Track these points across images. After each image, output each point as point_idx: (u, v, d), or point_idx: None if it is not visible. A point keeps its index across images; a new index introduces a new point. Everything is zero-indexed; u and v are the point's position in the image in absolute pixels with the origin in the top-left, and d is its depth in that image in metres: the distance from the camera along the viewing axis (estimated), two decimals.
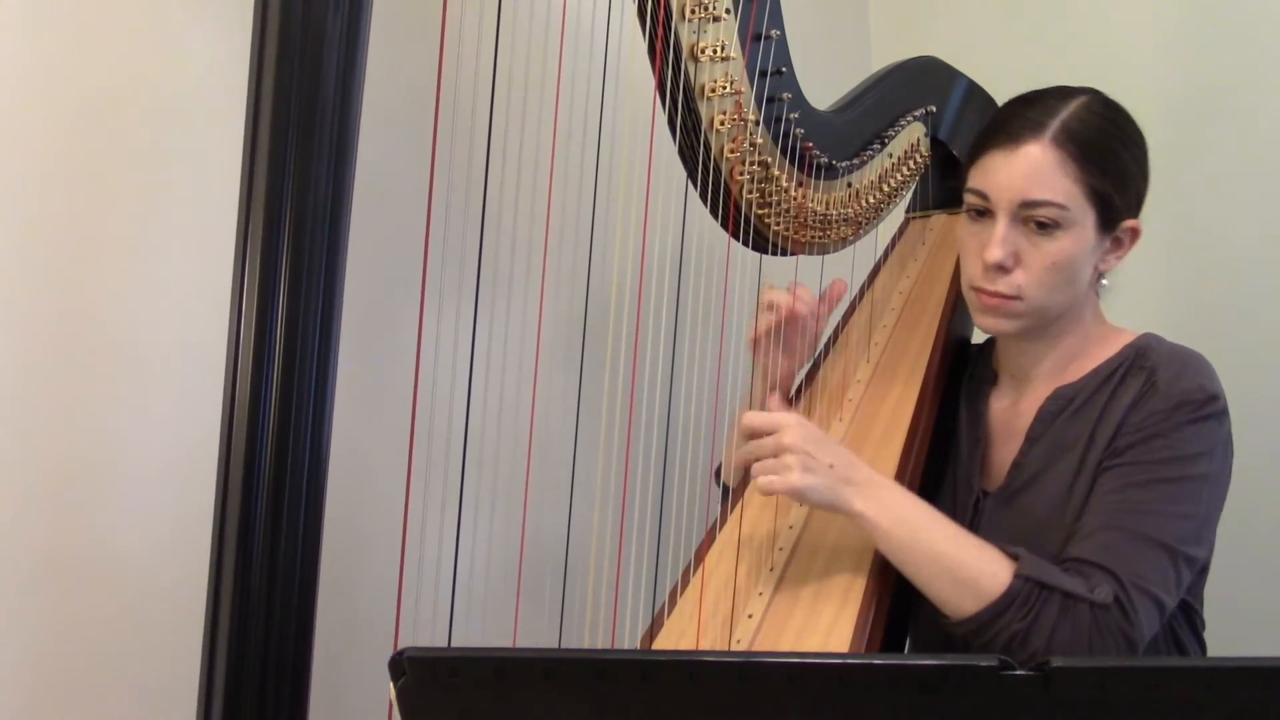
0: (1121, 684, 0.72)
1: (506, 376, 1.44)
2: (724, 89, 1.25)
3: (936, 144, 1.58)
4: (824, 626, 1.16)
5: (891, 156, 1.51)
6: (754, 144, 1.29)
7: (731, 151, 1.28)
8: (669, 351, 1.38)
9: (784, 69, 1.30)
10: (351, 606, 1.45)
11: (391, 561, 1.00)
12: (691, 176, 1.29)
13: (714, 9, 1.21)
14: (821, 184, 1.41)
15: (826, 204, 1.42)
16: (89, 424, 1.27)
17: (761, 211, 1.35)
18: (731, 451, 1.47)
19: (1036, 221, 1.20)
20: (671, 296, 1.37)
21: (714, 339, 1.42)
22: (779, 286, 1.40)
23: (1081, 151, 1.19)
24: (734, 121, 1.27)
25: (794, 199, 1.36)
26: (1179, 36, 1.94)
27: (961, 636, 1.14)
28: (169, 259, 1.32)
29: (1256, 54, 1.86)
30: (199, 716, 0.96)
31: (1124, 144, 1.24)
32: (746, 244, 1.36)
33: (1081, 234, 1.21)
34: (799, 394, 1.46)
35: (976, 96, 1.62)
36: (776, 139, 1.32)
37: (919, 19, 2.31)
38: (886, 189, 1.51)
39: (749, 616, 1.19)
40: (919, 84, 1.55)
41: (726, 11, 1.22)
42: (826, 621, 1.17)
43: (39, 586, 1.24)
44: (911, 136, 1.54)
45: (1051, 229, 1.20)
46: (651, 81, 1.23)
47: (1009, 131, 1.22)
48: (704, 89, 1.24)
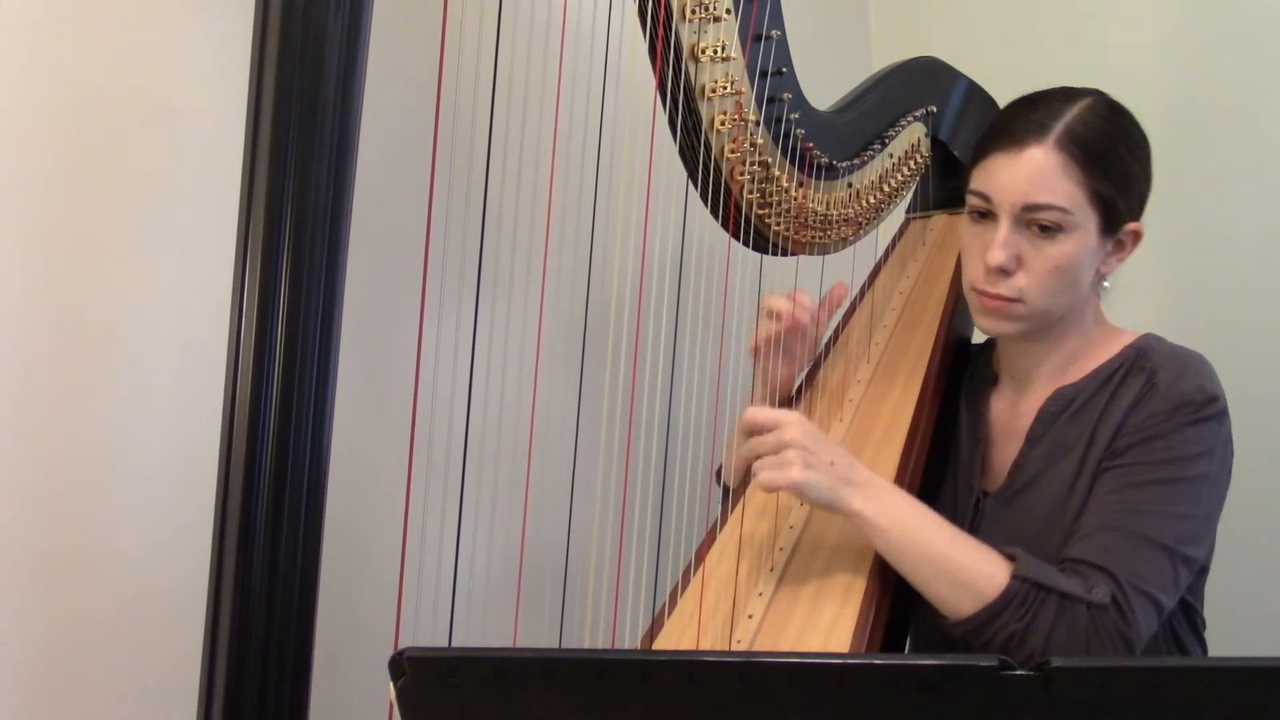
0: (1121, 684, 0.72)
1: (507, 377, 1.44)
2: (724, 89, 1.25)
3: (937, 144, 1.58)
4: (824, 626, 1.16)
5: (892, 157, 1.51)
6: (754, 144, 1.29)
7: (732, 152, 1.28)
8: (669, 352, 1.38)
9: (784, 69, 1.30)
10: (352, 607, 1.45)
11: (392, 562, 1.00)
12: (692, 177, 1.29)
13: (714, 9, 1.21)
14: (822, 184, 1.41)
15: (827, 204, 1.42)
16: (89, 424, 1.27)
17: (762, 212, 1.35)
18: (732, 452, 1.47)
19: (1039, 225, 1.20)
20: (672, 297, 1.37)
21: (714, 339, 1.42)
22: (780, 293, 1.39)
23: (1085, 155, 1.19)
24: (734, 122, 1.27)
25: (794, 199, 1.36)
26: (1179, 36, 1.94)
27: (960, 637, 1.14)
28: (169, 259, 1.32)
29: (1257, 54, 1.86)
30: (199, 717, 0.96)
31: (1128, 147, 1.23)
32: (747, 244, 1.36)
33: (1084, 237, 1.21)
34: (799, 394, 1.46)
35: (977, 97, 1.62)
36: (777, 139, 1.32)
37: (919, 19, 2.32)
38: (887, 189, 1.51)
39: (749, 616, 1.20)
40: (920, 84, 1.55)
41: (727, 12, 1.23)
42: (827, 621, 1.17)
43: (39, 587, 1.24)
44: (912, 137, 1.54)
45: (1054, 232, 1.20)
46: (652, 82, 1.23)
47: (1012, 134, 1.21)
48: (704, 89, 1.24)
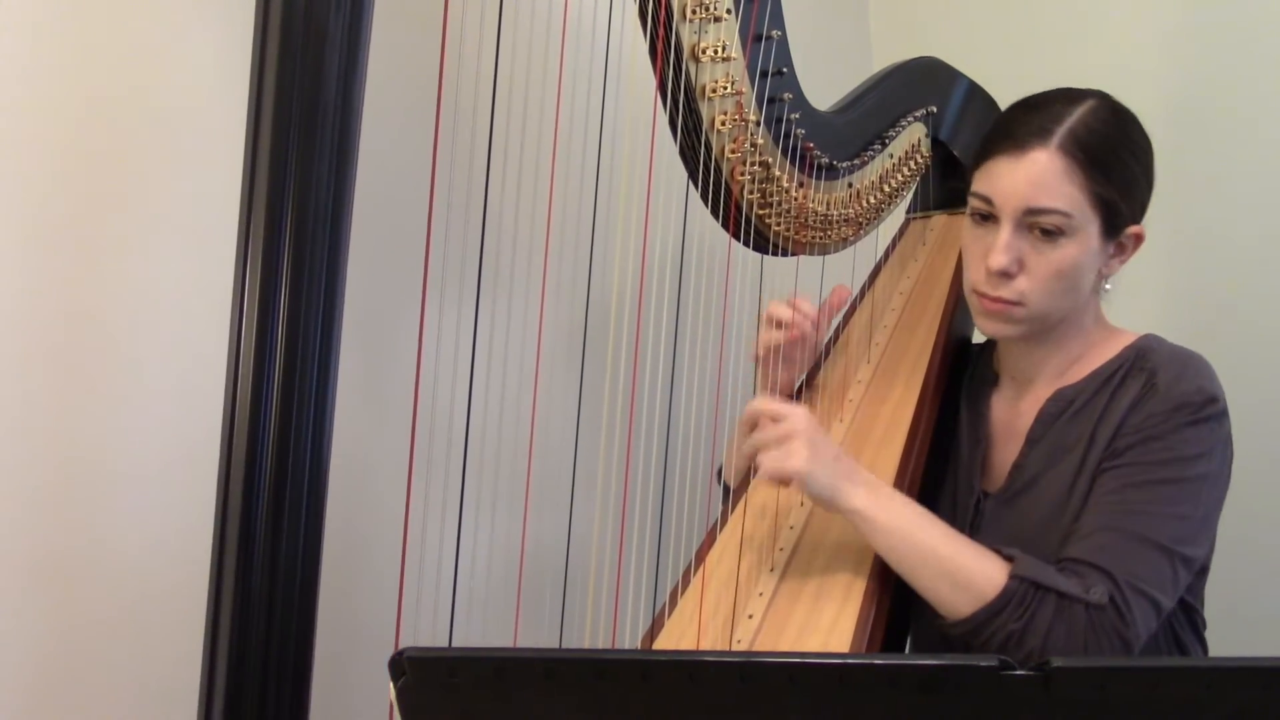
0: (1121, 684, 0.72)
1: (508, 376, 1.44)
2: (725, 89, 1.25)
3: (937, 144, 1.58)
4: (825, 626, 1.16)
5: (892, 157, 1.51)
6: (755, 144, 1.29)
7: (732, 152, 1.28)
8: (670, 352, 1.38)
9: (785, 69, 1.30)
10: (352, 608, 1.45)
11: (392, 563, 1.00)
12: (692, 177, 1.29)
13: (715, 9, 1.21)
14: (822, 184, 1.41)
15: (827, 204, 1.42)
16: (90, 425, 1.27)
17: (762, 212, 1.35)
18: (733, 451, 1.47)
19: (1041, 228, 1.19)
20: (672, 296, 1.36)
21: (715, 339, 1.42)
22: (782, 300, 1.39)
23: (1088, 159, 1.18)
24: (735, 122, 1.27)
25: (795, 199, 1.36)
26: (1179, 37, 1.94)
27: (959, 638, 1.14)
28: (170, 259, 1.32)
29: (1257, 55, 1.86)
30: (200, 717, 0.96)
31: (1130, 150, 1.23)
32: (747, 244, 1.36)
33: (1085, 241, 1.20)
34: (799, 395, 1.46)
35: (977, 97, 1.62)
36: (777, 139, 1.32)
37: (919, 19, 2.32)
38: (887, 189, 1.51)
39: (749, 617, 1.20)
40: (920, 84, 1.55)
41: (727, 12, 1.23)
42: (827, 621, 1.17)
43: (40, 588, 1.24)
44: (912, 137, 1.54)
45: (1055, 236, 1.19)
46: (652, 82, 1.23)
47: (1015, 137, 1.21)
48: (705, 89, 1.24)
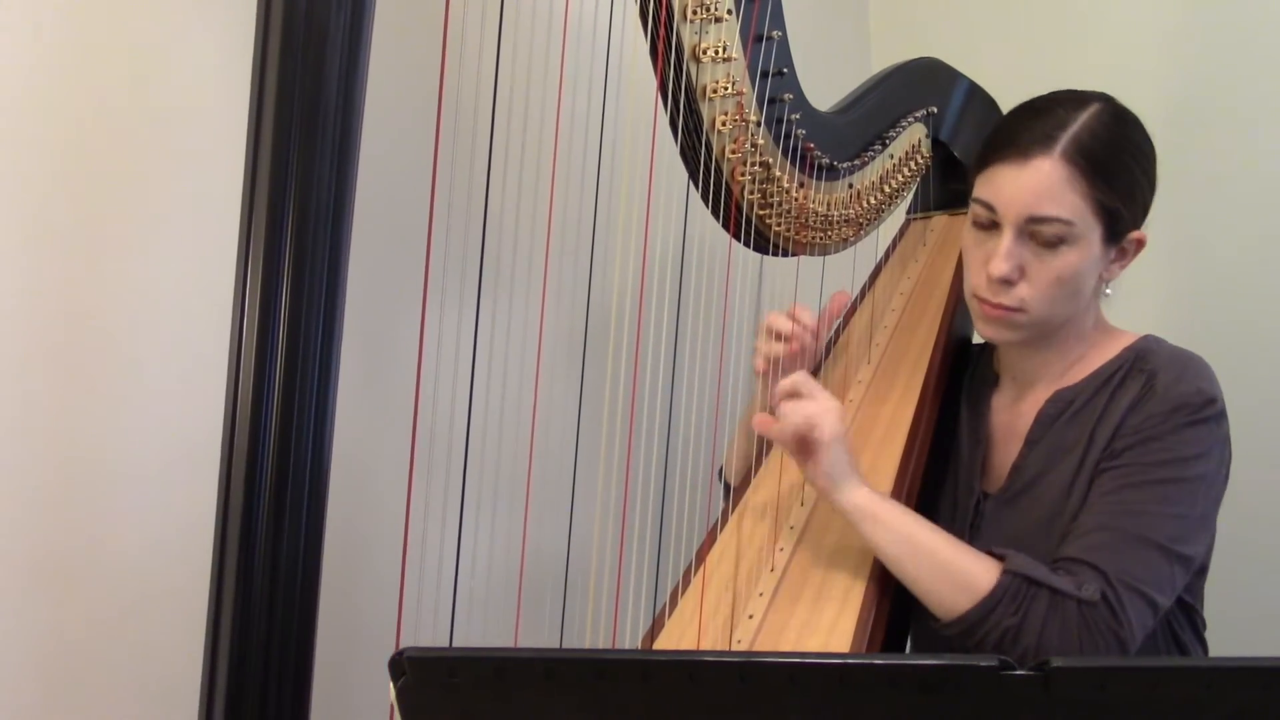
0: (1121, 684, 0.72)
1: (508, 376, 1.44)
2: (725, 90, 1.25)
3: (938, 145, 1.58)
4: (825, 626, 1.16)
5: (893, 157, 1.51)
6: (755, 145, 1.29)
7: (733, 152, 1.28)
8: (670, 351, 1.38)
9: (785, 70, 1.30)
10: (353, 608, 1.45)
11: (393, 563, 1.00)
12: (693, 177, 1.29)
13: (716, 10, 1.21)
14: (823, 185, 1.41)
15: (828, 205, 1.42)
16: (90, 425, 1.27)
17: (763, 212, 1.35)
18: (734, 452, 1.47)
19: (1043, 236, 1.19)
20: (673, 297, 1.37)
21: (715, 339, 1.43)
22: (781, 310, 1.38)
23: (1091, 167, 1.18)
24: (735, 122, 1.27)
25: (795, 200, 1.36)
26: (1179, 37, 1.94)
27: (954, 638, 1.14)
28: (171, 260, 1.32)
29: (1258, 56, 1.86)
30: (200, 718, 0.96)
31: (1133, 156, 1.22)
32: (748, 245, 1.36)
33: (1087, 248, 1.20)
34: None
35: (978, 98, 1.62)
36: (778, 140, 1.32)
37: (919, 19, 2.32)
38: (888, 190, 1.51)
39: (750, 617, 1.20)
40: (920, 85, 1.55)
41: (728, 12, 1.23)
42: (827, 621, 1.17)
43: (40, 588, 1.24)
44: (913, 137, 1.54)
45: (1057, 244, 1.19)
46: (653, 82, 1.23)
47: (1018, 144, 1.20)
48: (705, 90, 1.24)
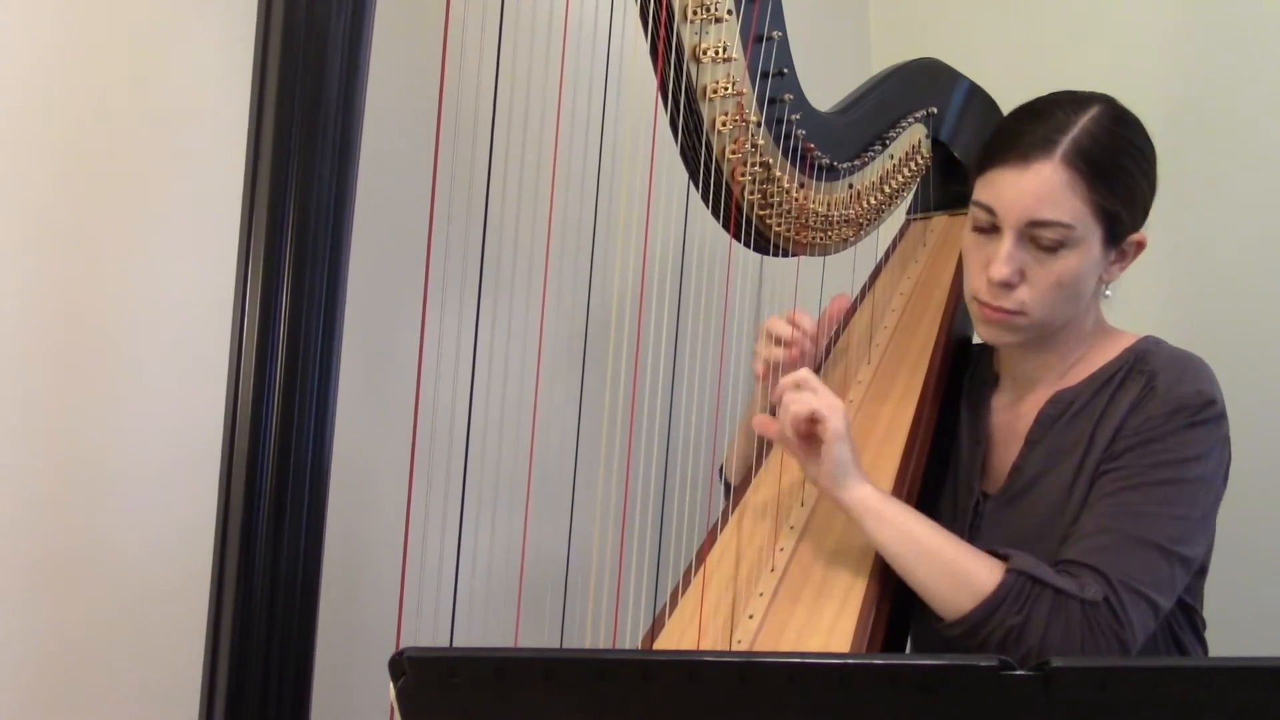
0: (1121, 684, 0.72)
1: (509, 376, 1.44)
2: (726, 90, 1.25)
3: (938, 145, 1.58)
4: (825, 627, 1.16)
5: (893, 158, 1.51)
6: (755, 145, 1.29)
7: (733, 153, 1.28)
8: (670, 351, 1.38)
9: (785, 70, 1.30)
10: (353, 609, 1.45)
11: (393, 564, 1.00)
12: (693, 177, 1.29)
13: (716, 10, 1.21)
14: (823, 185, 1.41)
15: (828, 205, 1.42)
16: (91, 426, 1.27)
17: (763, 213, 1.35)
18: (734, 451, 1.47)
19: (1043, 240, 1.19)
20: (673, 296, 1.37)
21: (715, 339, 1.43)
22: (781, 314, 1.37)
23: (1092, 171, 1.17)
24: (736, 123, 1.27)
25: (795, 200, 1.36)
26: (1179, 37, 1.94)
27: (957, 639, 1.13)
28: (171, 260, 1.32)
29: (1258, 56, 1.86)
30: (201, 718, 0.96)
31: (1133, 159, 1.21)
32: (748, 245, 1.36)
33: (1087, 251, 1.20)
34: None
35: (978, 98, 1.62)
36: (778, 140, 1.32)
37: (919, 19, 2.32)
38: (888, 190, 1.51)
39: (750, 617, 1.20)
40: (920, 85, 1.55)
41: (728, 13, 1.23)
42: (828, 622, 1.17)
43: (41, 588, 1.24)
44: (913, 138, 1.54)
45: (1058, 247, 1.18)
46: (653, 83, 1.23)
47: (1018, 147, 1.19)
48: (706, 90, 1.24)
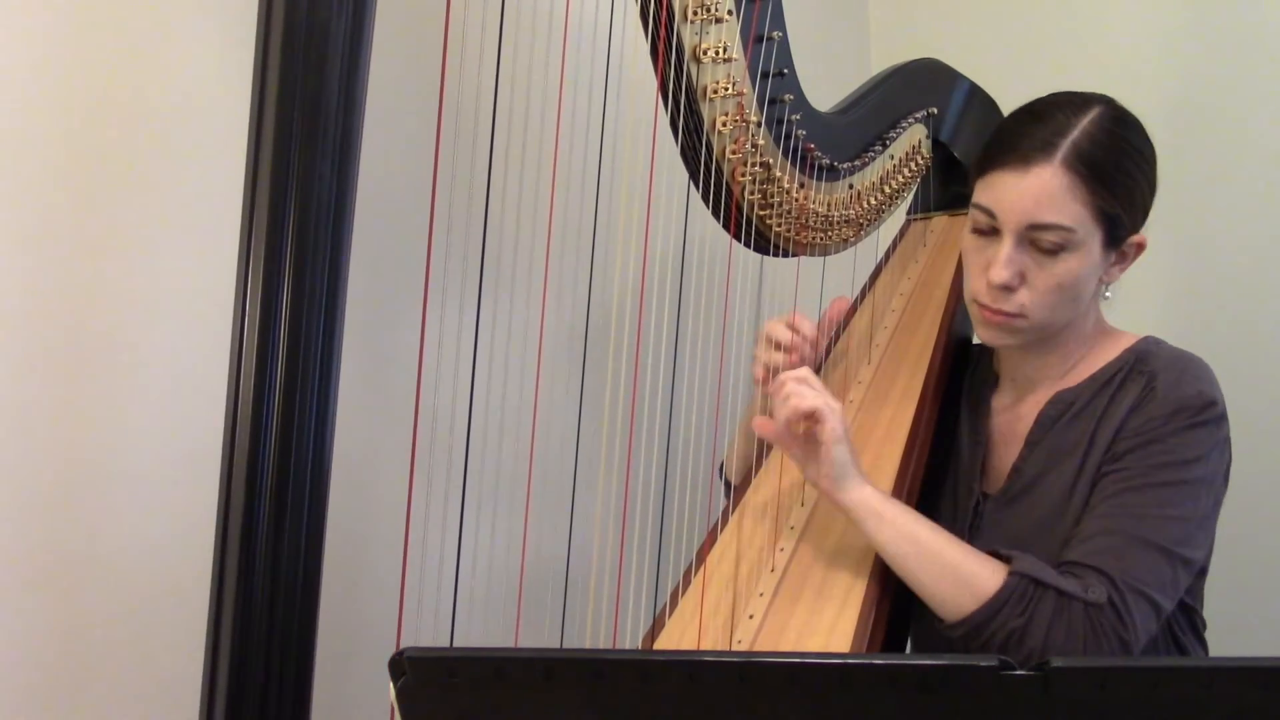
0: (1121, 684, 0.72)
1: (509, 375, 1.44)
2: (726, 90, 1.25)
3: (938, 146, 1.59)
4: (825, 627, 1.16)
5: (893, 158, 1.51)
6: (756, 145, 1.29)
7: (733, 153, 1.28)
8: (670, 351, 1.38)
9: (786, 70, 1.30)
10: (354, 609, 1.45)
11: (393, 564, 1.00)
12: (693, 178, 1.29)
13: (716, 11, 1.22)
14: (823, 185, 1.41)
15: (828, 205, 1.42)
16: (92, 425, 1.28)
17: (763, 213, 1.35)
18: (734, 448, 1.47)
19: (1043, 243, 1.19)
20: (673, 297, 1.37)
21: (715, 339, 1.43)
22: (780, 318, 1.37)
23: (1092, 173, 1.17)
24: (736, 123, 1.27)
25: (795, 200, 1.36)
26: (1179, 38, 1.94)
27: (959, 640, 1.13)
28: (172, 259, 1.32)
29: (1258, 57, 1.86)
30: (201, 718, 0.96)
31: (1134, 161, 1.21)
32: (748, 245, 1.36)
33: (1087, 254, 1.19)
34: None
35: (978, 98, 1.62)
36: (778, 140, 1.33)
37: (919, 19, 2.32)
38: (888, 190, 1.51)
39: (750, 617, 1.20)
40: (920, 86, 1.55)
41: (729, 13, 1.23)
42: (828, 622, 1.17)
43: (42, 588, 1.24)
44: (913, 138, 1.54)
45: (1058, 251, 1.18)
46: (654, 83, 1.23)
47: (1018, 150, 1.19)
48: (706, 90, 1.24)
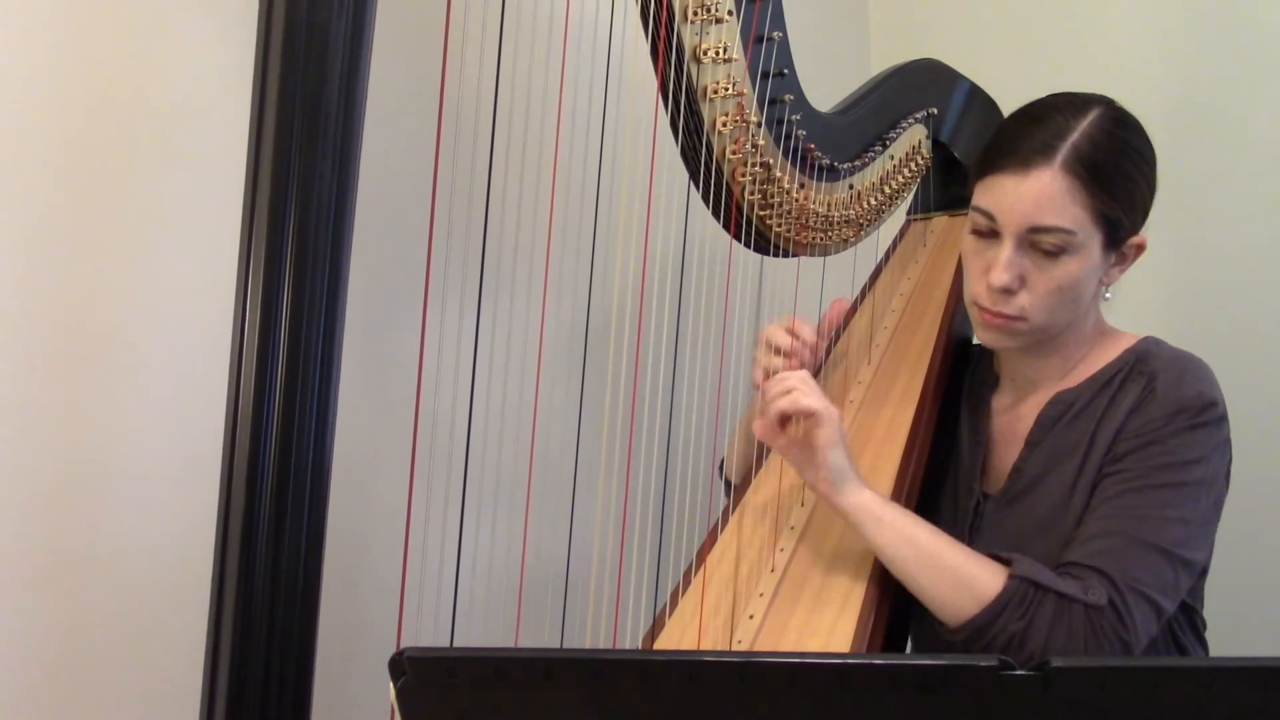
0: (1121, 684, 0.72)
1: (509, 375, 1.44)
2: (726, 91, 1.25)
3: (938, 146, 1.59)
4: (825, 627, 1.16)
5: (893, 158, 1.51)
6: (756, 145, 1.29)
7: (733, 153, 1.28)
8: (671, 351, 1.38)
9: (786, 71, 1.30)
10: (354, 609, 1.45)
11: (394, 565, 1.00)
12: (693, 178, 1.29)
13: (716, 11, 1.22)
14: (823, 185, 1.41)
15: (828, 205, 1.42)
16: (92, 426, 1.28)
17: (763, 213, 1.35)
18: (734, 447, 1.47)
19: (1043, 246, 1.18)
20: (673, 297, 1.37)
21: (716, 339, 1.43)
22: (780, 322, 1.37)
23: (1092, 176, 1.17)
24: (736, 123, 1.27)
25: (795, 200, 1.36)
26: (1179, 38, 1.94)
27: (960, 644, 1.13)
28: (173, 260, 1.32)
29: (1258, 57, 1.86)
30: (202, 718, 0.96)
31: (1134, 163, 1.21)
32: (748, 245, 1.36)
33: (1087, 256, 1.19)
34: None
35: (978, 99, 1.62)
36: (778, 140, 1.33)
37: (919, 20, 2.32)
38: (888, 191, 1.51)
39: (750, 617, 1.20)
40: (920, 86, 1.55)
41: (729, 13, 1.23)
42: (828, 622, 1.17)
43: (42, 589, 1.24)
44: (913, 138, 1.54)
45: (1058, 253, 1.18)
46: (654, 83, 1.23)
47: (1018, 154, 1.19)
48: (706, 91, 1.24)
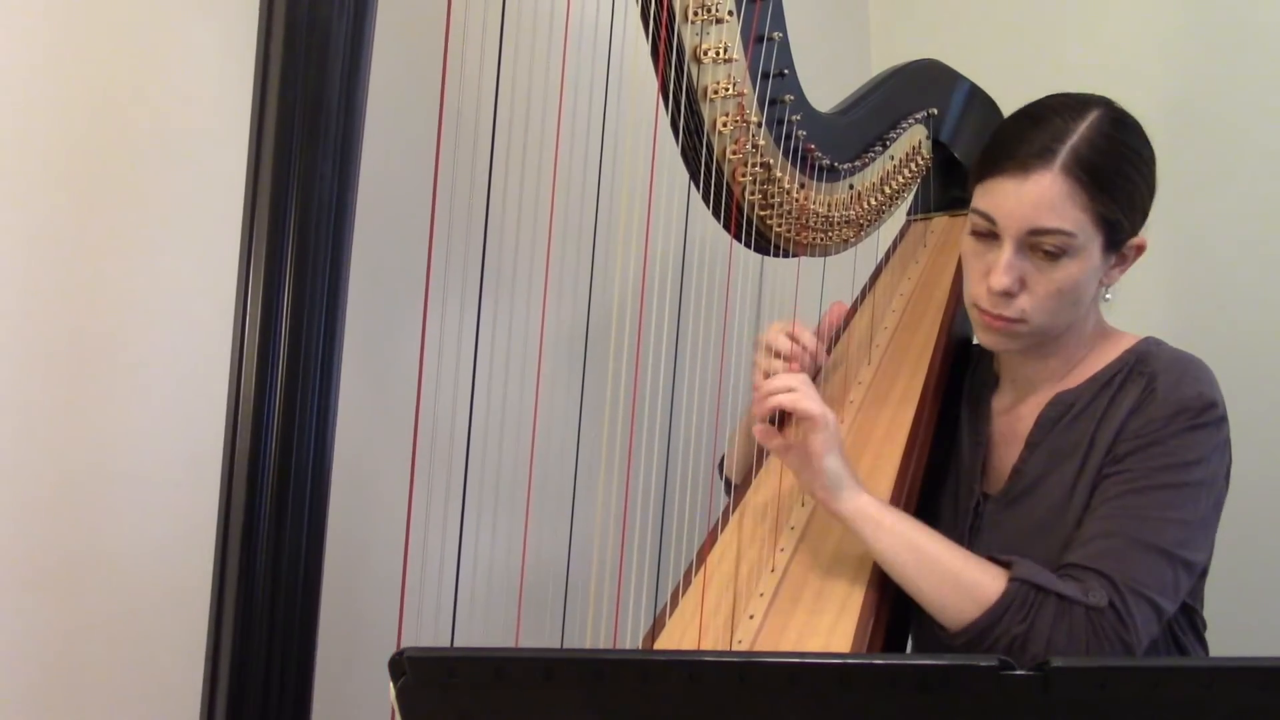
0: (1121, 684, 0.72)
1: (510, 378, 1.44)
2: (726, 91, 1.25)
3: (938, 146, 1.59)
4: (825, 628, 1.16)
5: (893, 159, 1.51)
6: (756, 146, 1.29)
7: (734, 153, 1.28)
8: (671, 352, 1.38)
9: (786, 71, 1.30)
10: (355, 610, 1.45)
11: (394, 565, 1.00)
12: (694, 178, 1.29)
13: (717, 11, 1.22)
14: (823, 186, 1.41)
15: (828, 205, 1.42)
16: (93, 427, 1.28)
17: (763, 213, 1.35)
18: (734, 446, 1.47)
19: (1043, 249, 1.18)
20: (674, 297, 1.37)
21: (716, 339, 1.43)
22: (779, 325, 1.36)
23: (1092, 179, 1.17)
24: (736, 123, 1.27)
25: (796, 200, 1.36)
26: (1179, 39, 1.94)
27: (961, 648, 1.13)
28: (173, 260, 1.32)
29: (1258, 57, 1.86)
30: (202, 719, 0.96)
31: (1134, 165, 1.21)
32: (748, 245, 1.36)
33: (1087, 258, 1.19)
34: None
35: (978, 99, 1.62)
36: (779, 141, 1.33)
37: (919, 20, 2.32)
38: (888, 191, 1.51)
39: (750, 617, 1.20)
40: (921, 86, 1.55)
41: (729, 14, 1.23)
42: (828, 622, 1.17)
43: (42, 589, 1.24)
44: (913, 139, 1.54)
45: (1058, 256, 1.18)
46: (654, 83, 1.23)
47: (1017, 156, 1.19)
48: (707, 91, 1.24)
